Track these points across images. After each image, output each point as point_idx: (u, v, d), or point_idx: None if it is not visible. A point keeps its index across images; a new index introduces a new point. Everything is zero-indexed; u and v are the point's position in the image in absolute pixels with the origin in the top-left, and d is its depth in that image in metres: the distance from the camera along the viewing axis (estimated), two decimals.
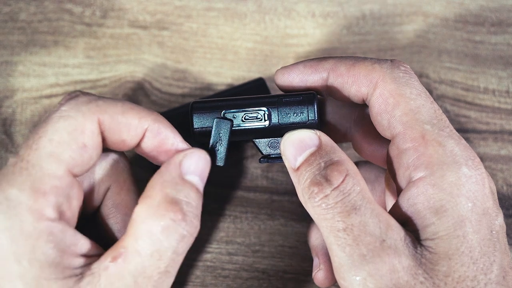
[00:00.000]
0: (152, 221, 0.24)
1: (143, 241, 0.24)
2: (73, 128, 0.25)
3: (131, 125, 0.26)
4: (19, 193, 0.23)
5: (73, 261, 0.24)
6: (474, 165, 0.25)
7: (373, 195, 0.33)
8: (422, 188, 0.24)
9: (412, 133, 0.25)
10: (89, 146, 0.25)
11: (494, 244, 0.24)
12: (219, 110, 0.28)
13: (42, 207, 0.23)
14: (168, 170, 0.26)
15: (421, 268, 0.23)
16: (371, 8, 0.44)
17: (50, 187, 0.24)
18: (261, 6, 0.44)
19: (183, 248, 0.25)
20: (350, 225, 0.24)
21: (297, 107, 0.28)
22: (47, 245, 0.23)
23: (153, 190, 0.25)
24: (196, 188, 0.26)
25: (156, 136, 0.27)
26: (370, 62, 0.27)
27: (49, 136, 0.24)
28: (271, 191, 0.39)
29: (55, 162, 0.24)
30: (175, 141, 0.27)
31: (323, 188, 0.24)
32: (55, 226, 0.24)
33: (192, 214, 0.25)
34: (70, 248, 0.24)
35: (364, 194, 0.24)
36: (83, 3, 0.43)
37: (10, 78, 0.41)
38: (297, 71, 0.29)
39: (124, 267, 0.24)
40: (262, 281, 0.37)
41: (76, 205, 0.25)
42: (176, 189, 0.25)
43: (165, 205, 0.25)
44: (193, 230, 0.25)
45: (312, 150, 0.26)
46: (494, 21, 0.44)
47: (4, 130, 0.40)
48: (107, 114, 0.26)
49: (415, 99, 0.26)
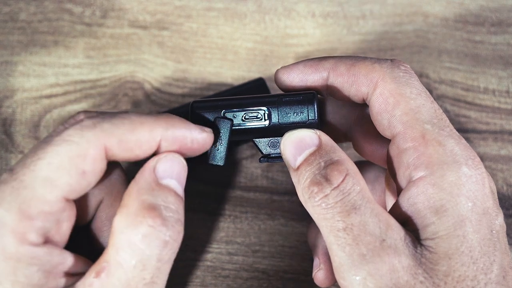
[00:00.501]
0: (131, 231, 0.23)
1: (124, 252, 0.23)
2: (75, 154, 0.24)
3: (142, 141, 0.25)
4: (5, 213, 0.22)
5: (58, 281, 0.23)
6: (474, 164, 0.25)
7: (373, 195, 0.33)
8: (422, 187, 0.24)
9: (412, 132, 0.25)
10: (88, 173, 0.24)
11: (494, 244, 0.24)
12: (219, 110, 0.28)
13: (26, 231, 0.23)
14: (142, 176, 0.25)
15: (421, 268, 0.23)
16: (371, 8, 0.44)
17: (37, 211, 0.23)
18: (261, 6, 0.44)
19: (168, 255, 0.24)
20: (350, 225, 0.24)
21: (297, 107, 0.28)
22: (30, 268, 0.23)
23: (129, 199, 0.24)
24: (175, 192, 0.25)
25: (173, 144, 0.26)
26: (370, 61, 0.27)
27: (48, 159, 0.23)
28: (271, 191, 0.39)
29: (50, 187, 0.23)
30: (192, 136, 0.26)
31: (323, 187, 0.24)
32: (39, 251, 0.23)
33: (172, 218, 0.24)
34: (57, 268, 0.23)
35: (364, 193, 0.24)
36: (83, 3, 0.43)
37: (10, 78, 0.41)
38: (297, 70, 0.29)
39: (107, 281, 0.23)
40: (262, 281, 0.37)
41: (67, 227, 0.25)
42: (152, 194, 0.24)
43: (142, 212, 0.24)
44: (175, 235, 0.24)
45: (312, 149, 0.26)
46: (494, 21, 0.44)
47: (4, 130, 0.40)
48: (115, 137, 0.24)
49: (415, 99, 0.26)
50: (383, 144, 0.30)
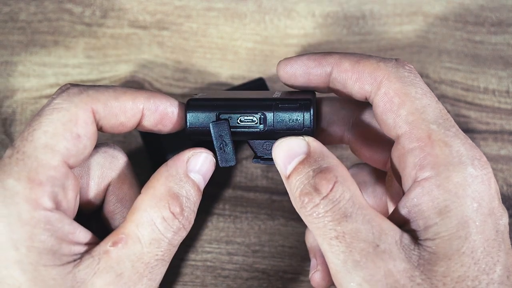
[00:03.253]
0: (154, 212, 0.25)
1: (144, 229, 0.25)
2: (67, 119, 0.25)
3: (126, 107, 0.27)
4: (16, 183, 0.24)
5: (72, 248, 0.25)
6: (481, 164, 0.24)
7: (373, 197, 0.33)
8: (427, 188, 0.24)
9: (418, 132, 0.25)
10: (83, 136, 0.26)
11: (499, 244, 0.24)
12: (215, 111, 0.28)
13: (38, 196, 0.24)
14: (174, 165, 0.27)
15: (418, 270, 0.23)
16: (371, 8, 0.44)
17: (46, 177, 0.24)
18: (261, 6, 0.44)
19: (177, 240, 0.26)
20: (342, 233, 0.24)
21: (293, 113, 0.28)
22: (45, 233, 0.24)
23: (158, 182, 0.26)
24: (198, 187, 0.27)
25: (155, 112, 0.28)
26: (375, 60, 0.27)
27: (43, 128, 0.25)
28: (271, 191, 0.39)
29: (50, 153, 0.25)
30: (173, 109, 0.28)
31: (312, 197, 0.24)
32: (52, 216, 0.24)
33: (189, 209, 0.26)
34: (68, 237, 0.24)
35: (355, 200, 0.24)
36: (83, 3, 0.43)
37: (10, 78, 0.41)
38: (301, 63, 0.29)
39: (124, 252, 0.25)
40: (262, 281, 0.37)
41: (72, 196, 0.26)
42: (179, 184, 0.26)
43: (166, 198, 0.26)
44: (187, 225, 0.26)
45: (300, 158, 0.26)
46: (494, 21, 0.44)
47: (4, 130, 0.40)
48: (100, 102, 0.26)
49: (421, 99, 0.26)
50: (382, 147, 0.30)
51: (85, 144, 0.26)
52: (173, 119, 0.28)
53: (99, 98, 0.26)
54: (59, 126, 0.25)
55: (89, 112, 0.26)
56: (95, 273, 0.24)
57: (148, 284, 0.25)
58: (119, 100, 0.27)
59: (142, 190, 0.26)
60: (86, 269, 0.24)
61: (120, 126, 0.27)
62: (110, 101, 0.27)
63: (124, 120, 0.27)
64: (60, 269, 0.24)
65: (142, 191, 0.26)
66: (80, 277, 0.24)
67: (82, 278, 0.24)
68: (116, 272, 0.25)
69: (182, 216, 0.26)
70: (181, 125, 0.29)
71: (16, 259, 0.23)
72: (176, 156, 0.27)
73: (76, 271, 0.24)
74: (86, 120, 0.26)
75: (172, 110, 0.28)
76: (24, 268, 0.23)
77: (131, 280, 0.25)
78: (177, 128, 0.29)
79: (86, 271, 0.24)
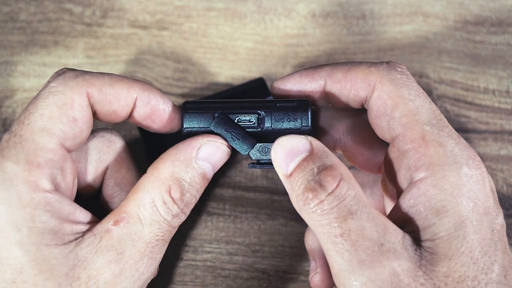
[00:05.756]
0: (155, 194, 0.26)
1: (145, 210, 0.26)
2: (63, 102, 0.25)
3: (120, 95, 0.27)
4: (14, 166, 0.24)
5: (73, 227, 0.25)
6: (475, 164, 0.25)
7: (372, 199, 0.33)
8: (423, 189, 0.24)
9: (412, 134, 0.25)
10: (79, 120, 0.26)
11: (496, 243, 0.24)
12: (212, 112, 0.28)
13: (37, 178, 0.24)
14: (185, 149, 0.27)
15: (421, 270, 0.23)
16: (371, 8, 0.44)
17: (44, 159, 0.24)
18: (261, 6, 0.44)
19: (177, 223, 0.27)
20: (347, 230, 0.23)
21: (291, 113, 0.28)
22: (45, 214, 0.24)
23: (163, 165, 0.26)
24: (204, 175, 0.27)
25: (146, 104, 0.28)
26: (366, 65, 0.27)
27: (39, 111, 0.25)
28: (271, 191, 0.39)
29: (47, 136, 0.25)
30: (166, 107, 0.28)
31: (317, 193, 0.24)
32: (51, 197, 0.24)
33: (190, 195, 0.27)
34: (69, 217, 0.25)
35: (360, 198, 0.24)
36: (83, 3, 0.43)
37: (10, 78, 0.41)
38: (293, 81, 0.29)
39: (125, 231, 0.25)
40: (262, 281, 0.37)
41: (70, 179, 0.26)
42: (185, 170, 0.26)
43: (169, 181, 0.26)
44: (186, 210, 0.27)
45: (304, 155, 0.26)
46: (494, 21, 0.44)
47: (4, 130, 0.40)
48: (95, 87, 0.26)
49: (414, 100, 0.26)
50: (376, 152, 0.30)
51: (81, 128, 0.26)
52: (163, 117, 0.28)
53: (94, 83, 0.26)
54: (54, 109, 0.25)
55: (84, 96, 0.26)
56: (96, 251, 0.25)
57: (148, 263, 0.26)
58: (114, 87, 0.27)
59: (148, 169, 0.27)
60: (87, 247, 0.25)
61: (113, 114, 0.28)
62: (105, 86, 0.27)
63: (117, 108, 0.27)
64: (62, 248, 0.24)
65: (148, 170, 0.27)
66: (82, 255, 0.24)
67: (83, 256, 0.24)
68: (118, 251, 0.25)
69: (181, 202, 0.26)
70: (171, 127, 0.29)
71: (18, 240, 0.24)
72: (188, 140, 0.27)
73: (78, 250, 0.25)
74: (81, 103, 0.26)
75: (164, 108, 0.28)
76: (26, 249, 0.24)
77: (132, 258, 0.25)
78: (167, 129, 0.29)
79: (87, 249, 0.25)
